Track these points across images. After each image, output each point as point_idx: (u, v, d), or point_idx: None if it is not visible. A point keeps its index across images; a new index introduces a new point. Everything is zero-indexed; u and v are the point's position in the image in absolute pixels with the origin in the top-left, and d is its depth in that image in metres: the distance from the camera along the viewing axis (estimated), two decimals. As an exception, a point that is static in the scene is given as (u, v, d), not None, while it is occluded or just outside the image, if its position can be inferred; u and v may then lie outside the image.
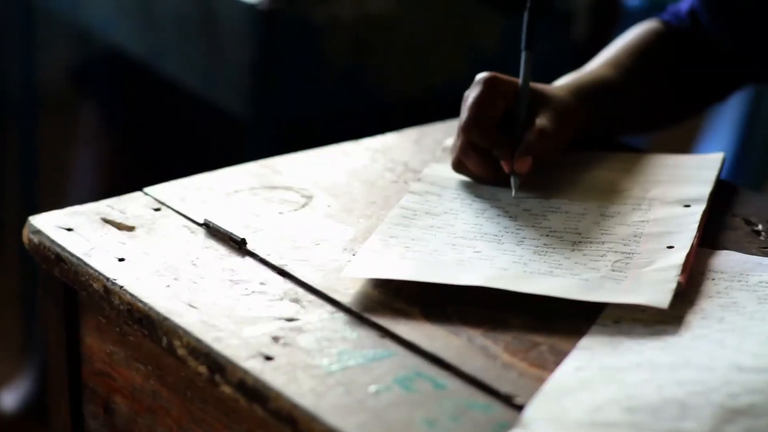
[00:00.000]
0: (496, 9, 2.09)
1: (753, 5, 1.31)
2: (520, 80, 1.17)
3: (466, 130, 1.13)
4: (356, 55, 1.96)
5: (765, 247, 1.07)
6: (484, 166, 1.14)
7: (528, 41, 1.19)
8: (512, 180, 1.13)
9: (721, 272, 1.02)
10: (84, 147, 2.59)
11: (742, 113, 2.65)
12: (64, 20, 2.69)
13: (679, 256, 1.00)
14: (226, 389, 0.91)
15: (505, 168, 1.13)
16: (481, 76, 1.16)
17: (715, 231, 1.09)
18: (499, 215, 1.10)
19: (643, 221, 1.07)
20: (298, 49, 1.93)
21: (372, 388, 0.87)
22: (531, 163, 1.12)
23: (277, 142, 1.93)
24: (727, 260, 1.04)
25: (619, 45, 1.34)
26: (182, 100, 2.34)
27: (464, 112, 1.14)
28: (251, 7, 1.90)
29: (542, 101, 1.17)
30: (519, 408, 0.84)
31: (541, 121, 1.14)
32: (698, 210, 1.08)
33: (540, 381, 0.87)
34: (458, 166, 1.16)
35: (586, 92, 1.23)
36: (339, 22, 1.94)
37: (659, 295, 0.94)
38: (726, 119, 2.69)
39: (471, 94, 1.14)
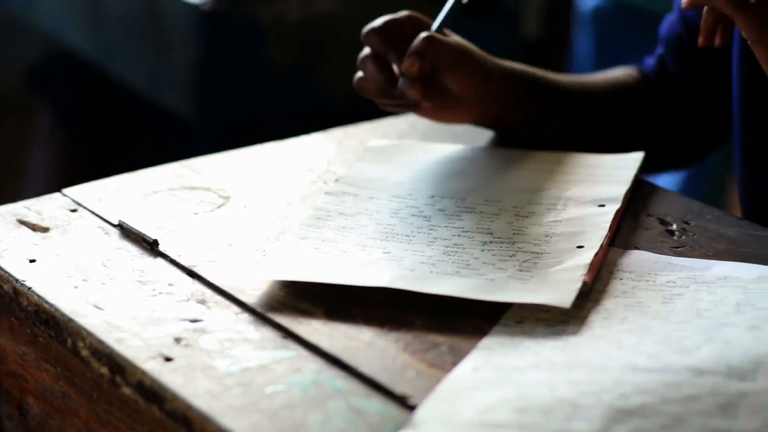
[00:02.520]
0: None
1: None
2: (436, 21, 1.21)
3: (365, 36, 1.18)
4: (302, 55, 1.97)
5: (677, 247, 1.07)
6: (378, 71, 1.18)
7: None
8: (399, 80, 1.17)
9: (630, 272, 1.02)
10: (39, 146, 2.59)
11: None
12: (19, 21, 2.69)
13: (587, 255, 1.00)
14: (127, 390, 0.91)
15: (396, 69, 1.17)
16: (401, 12, 1.21)
17: (629, 230, 1.10)
18: (413, 215, 1.10)
19: (556, 221, 1.08)
20: (243, 49, 1.93)
21: (268, 390, 0.87)
22: (419, 64, 1.15)
23: (221, 142, 1.92)
24: (637, 260, 1.04)
25: (591, 74, 1.36)
26: (133, 99, 2.33)
27: (371, 24, 1.19)
28: (195, 7, 1.90)
29: (461, 46, 1.20)
30: (413, 408, 0.84)
31: (438, 35, 1.18)
32: (611, 210, 1.08)
33: (437, 381, 0.87)
34: (358, 84, 1.20)
35: (529, 78, 1.26)
36: (284, 22, 1.94)
37: (563, 295, 0.94)
38: None
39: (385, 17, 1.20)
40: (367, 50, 1.20)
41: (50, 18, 2.31)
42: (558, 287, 0.96)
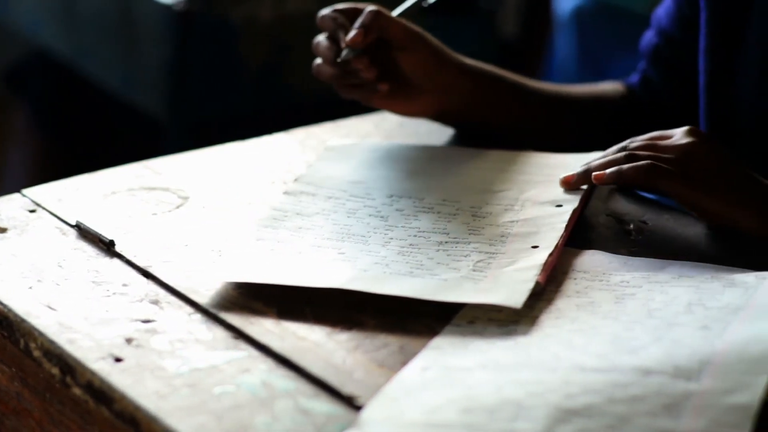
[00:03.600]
0: (417, 9, 2.08)
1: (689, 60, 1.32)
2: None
3: (319, 19, 1.21)
4: (274, 55, 1.97)
5: (633, 247, 1.07)
6: (328, 48, 1.20)
7: None
8: (344, 51, 1.19)
9: (584, 272, 1.02)
10: (16, 145, 2.59)
11: None
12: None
13: (541, 256, 1.00)
14: (77, 391, 0.91)
15: (342, 43, 1.18)
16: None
17: (586, 230, 1.10)
18: (370, 215, 1.10)
19: (513, 221, 1.08)
20: (215, 49, 1.93)
21: (217, 390, 0.87)
22: (362, 36, 1.17)
23: (194, 142, 1.92)
24: (592, 260, 1.04)
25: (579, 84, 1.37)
26: (108, 99, 2.33)
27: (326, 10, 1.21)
28: (167, 7, 1.90)
29: (419, 34, 1.22)
30: (360, 409, 0.84)
31: (385, 11, 1.20)
32: (568, 210, 1.08)
33: (386, 381, 0.87)
34: (315, 68, 1.22)
35: (490, 74, 1.27)
36: (256, 23, 1.94)
37: (515, 295, 0.94)
38: None
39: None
40: (321, 34, 1.22)
41: (26, 18, 2.31)
42: (510, 287, 0.96)
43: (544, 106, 1.31)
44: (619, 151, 1.10)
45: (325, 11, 1.22)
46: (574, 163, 1.16)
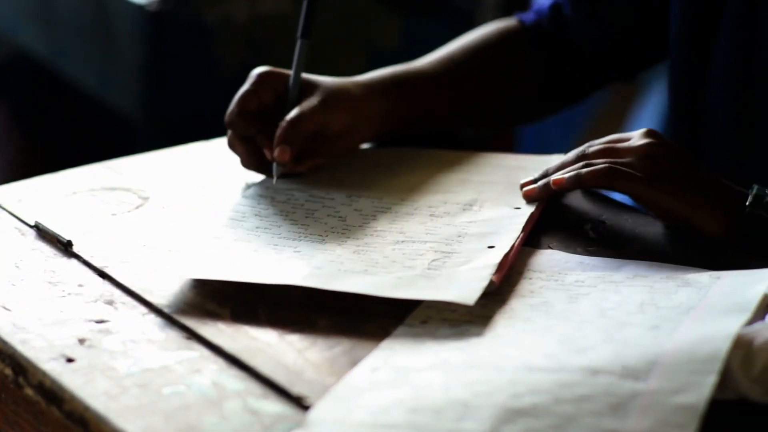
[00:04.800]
0: (393, 8, 2.09)
1: None
2: (292, 70, 1.19)
3: (228, 123, 1.17)
4: (249, 55, 1.97)
5: (591, 247, 1.07)
6: (249, 155, 1.18)
7: (304, 30, 1.20)
8: (273, 167, 1.15)
9: (540, 271, 1.02)
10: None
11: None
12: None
13: (497, 255, 1.00)
14: (29, 391, 0.91)
15: (267, 155, 1.16)
16: (255, 70, 1.19)
17: (544, 229, 1.10)
18: (329, 215, 1.10)
19: (470, 222, 1.08)
20: (190, 49, 1.93)
21: (166, 390, 0.87)
22: (290, 151, 1.14)
23: (169, 142, 1.92)
24: (548, 259, 1.04)
25: (459, 42, 1.34)
26: (85, 99, 2.33)
27: (230, 106, 1.18)
28: (140, 8, 1.90)
29: (311, 91, 1.19)
30: (309, 409, 0.84)
31: (300, 112, 1.16)
32: (526, 212, 1.09)
33: (336, 382, 0.87)
34: (243, 163, 1.19)
35: (389, 84, 1.25)
36: (232, 22, 1.95)
37: (468, 293, 0.94)
38: (653, 107, 2.69)
39: (241, 89, 1.17)
40: (230, 133, 1.18)
41: (5, 19, 2.31)
42: (464, 285, 0.96)
43: (466, 91, 1.31)
44: (578, 156, 1.11)
45: (231, 113, 1.17)
46: (533, 165, 1.17)
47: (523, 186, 1.12)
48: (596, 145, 1.11)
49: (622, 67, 1.38)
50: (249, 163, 1.18)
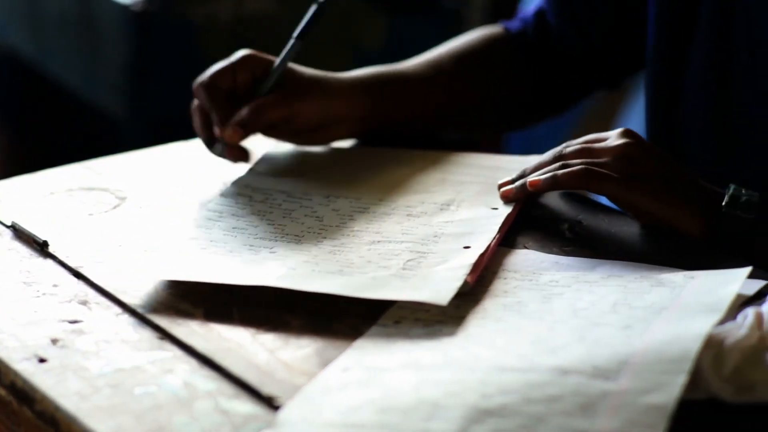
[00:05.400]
0: (380, 8, 2.09)
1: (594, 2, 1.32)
2: (277, 60, 1.19)
3: (194, 90, 1.19)
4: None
5: (567, 247, 1.07)
6: (202, 127, 1.20)
7: (302, 32, 1.20)
8: (217, 145, 1.18)
9: (515, 271, 1.02)
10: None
11: None
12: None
13: (472, 255, 1.00)
14: (1, 391, 0.91)
15: (216, 132, 1.18)
16: (240, 51, 1.21)
17: (521, 229, 1.10)
18: (306, 215, 1.10)
19: (447, 222, 1.08)
20: (176, 48, 1.93)
21: (138, 391, 0.87)
22: (242, 134, 1.16)
23: (154, 141, 1.93)
24: (524, 259, 1.04)
25: (446, 46, 1.34)
26: (71, 99, 2.33)
27: (203, 75, 1.19)
28: (125, 8, 1.90)
29: (290, 82, 1.18)
30: (279, 409, 0.84)
31: (267, 99, 1.16)
32: (503, 213, 1.09)
33: (308, 382, 0.87)
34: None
35: (374, 82, 1.25)
36: (216, 22, 1.95)
37: (441, 293, 0.94)
38: (639, 111, 2.70)
39: (219, 63, 1.19)
40: (196, 101, 1.21)
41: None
42: (438, 285, 0.96)
43: (453, 96, 1.31)
44: (555, 156, 1.11)
45: (200, 81, 1.19)
46: (511, 165, 1.17)
47: (500, 186, 1.12)
48: (573, 145, 1.11)
49: (605, 74, 1.38)
50: (200, 134, 1.21)
